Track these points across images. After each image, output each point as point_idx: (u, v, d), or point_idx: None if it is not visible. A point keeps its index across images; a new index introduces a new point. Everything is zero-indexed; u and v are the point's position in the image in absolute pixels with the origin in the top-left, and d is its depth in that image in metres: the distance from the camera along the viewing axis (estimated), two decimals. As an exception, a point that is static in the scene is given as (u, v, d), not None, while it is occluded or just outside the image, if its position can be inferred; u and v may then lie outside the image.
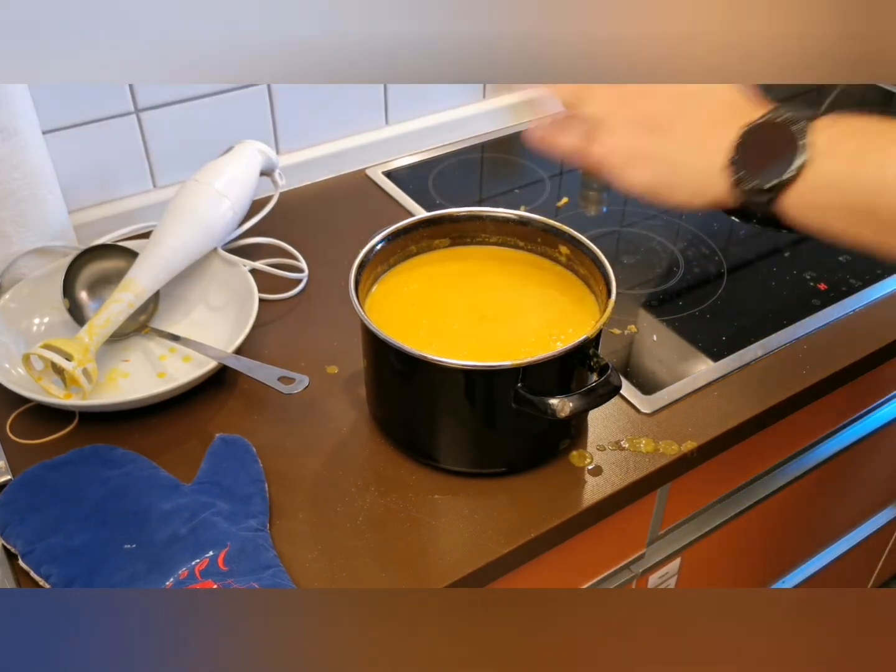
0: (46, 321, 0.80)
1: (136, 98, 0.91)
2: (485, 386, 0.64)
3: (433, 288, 0.73)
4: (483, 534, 0.64)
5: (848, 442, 1.01)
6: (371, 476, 0.69)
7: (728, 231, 0.99)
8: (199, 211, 0.82)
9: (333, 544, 0.64)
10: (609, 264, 0.68)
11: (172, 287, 0.83)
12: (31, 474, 0.66)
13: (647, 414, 0.74)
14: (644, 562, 0.86)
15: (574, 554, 0.74)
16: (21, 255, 0.81)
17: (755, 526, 0.98)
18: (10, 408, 0.73)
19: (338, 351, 0.80)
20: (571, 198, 1.04)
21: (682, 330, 0.84)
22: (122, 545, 0.61)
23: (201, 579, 0.58)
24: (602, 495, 0.68)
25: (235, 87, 0.96)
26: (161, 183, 0.98)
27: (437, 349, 0.63)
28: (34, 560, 0.61)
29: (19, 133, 0.77)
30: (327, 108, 1.04)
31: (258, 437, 0.71)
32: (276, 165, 0.92)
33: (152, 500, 0.64)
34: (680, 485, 0.78)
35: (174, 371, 0.78)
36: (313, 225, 0.98)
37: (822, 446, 0.98)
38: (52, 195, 0.82)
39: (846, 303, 0.87)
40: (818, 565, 1.19)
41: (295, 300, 0.87)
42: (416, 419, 0.69)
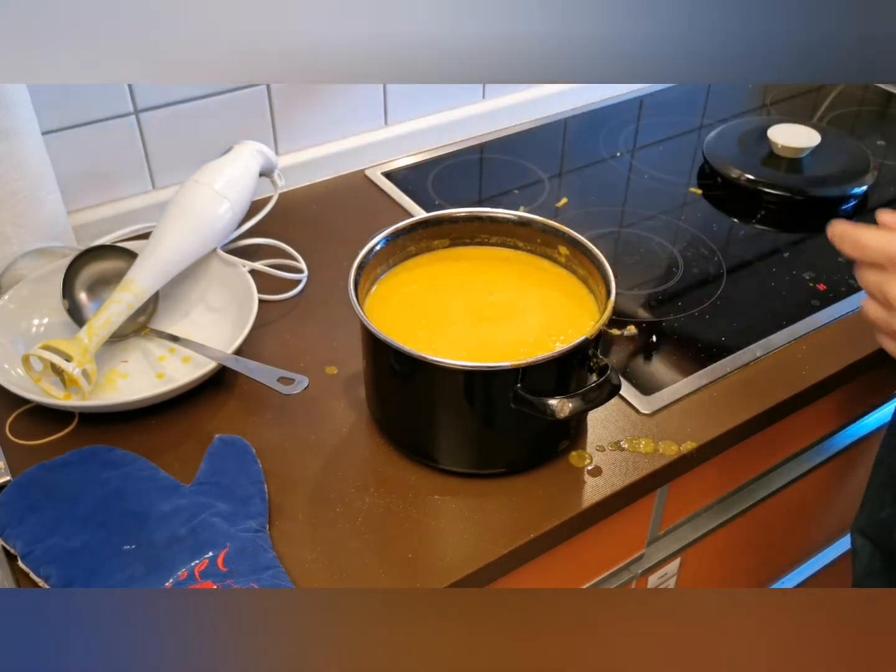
0: (46, 322, 0.80)
1: (135, 99, 0.91)
2: (484, 386, 0.64)
3: (433, 288, 0.73)
4: (482, 534, 0.64)
5: (847, 442, 1.01)
6: (370, 477, 0.69)
7: (727, 231, 0.99)
8: (198, 211, 0.82)
9: (333, 545, 0.64)
10: (608, 265, 0.68)
11: (172, 288, 0.83)
12: (31, 475, 0.66)
13: (647, 414, 0.74)
14: (644, 562, 0.86)
15: (574, 554, 0.74)
16: (20, 255, 0.81)
17: (755, 526, 0.98)
18: (9, 408, 0.73)
19: (337, 351, 0.80)
20: (571, 198, 1.04)
21: (681, 330, 0.84)
22: (121, 546, 0.61)
23: (201, 580, 0.58)
24: (602, 496, 0.68)
25: (234, 87, 0.96)
26: (160, 184, 0.98)
27: (436, 350, 0.63)
28: (34, 561, 0.61)
29: (18, 134, 0.77)
30: (326, 108, 1.04)
31: (257, 437, 0.71)
32: (275, 166, 0.92)
33: (151, 501, 0.64)
34: (679, 485, 0.78)
35: (173, 372, 0.78)
36: (313, 225, 0.98)
37: (822, 446, 0.98)
38: (51, 196, 0.82)
39: (845, 303, 0.87)
40: (818, 566, 1.19)
41: (294, 301, 0.87)
42: (415, 420, 0.69)
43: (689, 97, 1.28)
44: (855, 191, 1.03)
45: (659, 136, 1.18)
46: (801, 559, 1.18)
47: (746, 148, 1.09)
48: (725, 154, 1.08)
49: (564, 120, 1.21)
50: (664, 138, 1.17)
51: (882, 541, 0.86)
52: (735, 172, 1.05)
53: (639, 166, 1.11)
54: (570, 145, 1.17)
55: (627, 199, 1.05)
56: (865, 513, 0.89)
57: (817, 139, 1.07)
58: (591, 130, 1.19)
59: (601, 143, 1.16)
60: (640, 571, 0.86)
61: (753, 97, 1.31)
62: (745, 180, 1.04)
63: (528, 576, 0.69)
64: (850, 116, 1.26)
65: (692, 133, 1.19)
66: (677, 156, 1.14)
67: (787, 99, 1.30)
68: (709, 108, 1.26)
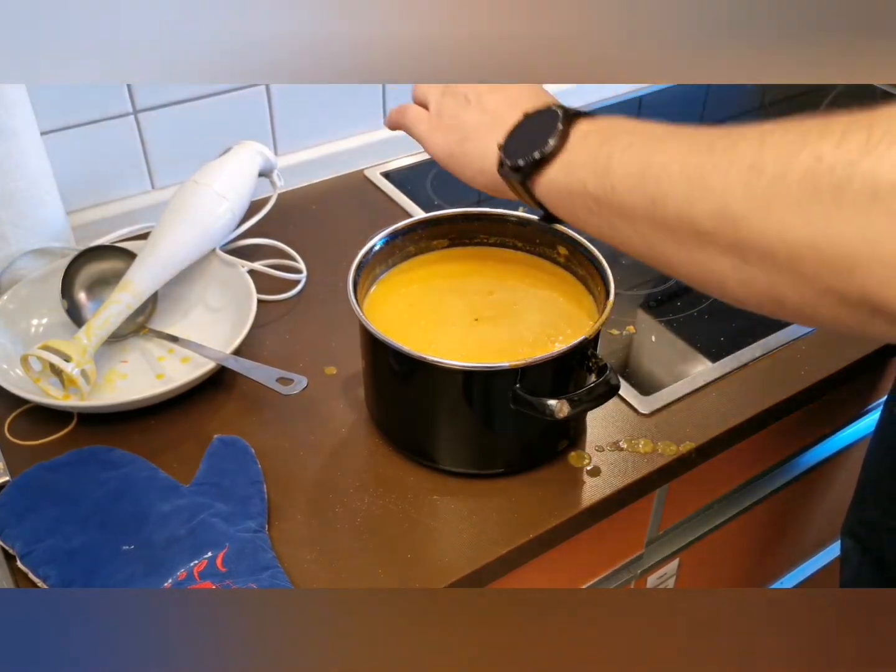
0: (45, 322, 0.80)
1: (134, 99, 0.91)
2: (483, 387, 0.64)
3: (432, 289, 0.73)
4: (482, 534, 0.64)
5: (846, 442, 1.01)
6: (370, 477, 0.69)
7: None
8: (197, 212, 0.82)
9: (332, 545, 0.64)
10: (607, 265, 0.68)
11: (171, 288, 0.83)
12: (30, 475, 0.66)
13: (646, 415, 0.74)
14: (643, 562, 0.86)
15: (573, 554, 0.74)
16: (19, 256, 0.81)
17: (754, 526, 0.98)
18: (8, 409, 0.73)
19: (336, 352, 0.80)
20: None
21: (680, 330, 0.84)
22: (120, 546, 0.61)
23: (200, 580, 0.58)
24: (601, 496, 0.68)
25: (234, 87, 0.96)
26: (159, 184, 0.98)
27: (435, 350, 0.63)
28: (33, 561, 0.60)
29: (17, 134, 0.77)
30: (326, 109, 1.04)
31: (257, 438, 0.71)
32: (274, 166, 0.92)
33: (151, 502, 0.64)
34: (678, 485, 0.78)
35: (172, 372, 0.78)
36: (312, 226, 0.98)
37: (821, 446, 0.98)
38: (50, 196, 0.82)
39: (844, 303, 0.87)
40: (817, 566, 1.19)
41: (293, 301, 0.87)
42: (414, 420, 0.69)
43: (688, 97, 1.28)
44: (854, 191, 1.02)
45: (658, 137, 1.17)
46: (800, 559, 1.18)
47: (745, 148, 1.09)
48: (724, 154, 1.08)
49: (563, 120, 1.21)
50: (663, 139, 1.17)
51: (871, 542, 0.85)
52: (734, 173, 1.04)
53: (638, 166, 1.11)
54: (569, 146, 1.17)
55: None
56: (853, 515, 0.89)
57: (816, 139, 1.07)
58: (590, 131, 1.19)
59: (600, 143, 1.16)
60: (639, 571, 0.86)
61: (752, 97, 1.31)
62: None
63: (527, 576, 0.69)
64: (848, 117, 1.25)
65: (691, 133, 1.19)
66: (676, 156, 1.13)
67: (785, 99, 1.30)
68: (707, 108, 1.26)
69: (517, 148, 0.54)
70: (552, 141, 0.51)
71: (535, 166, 0.52)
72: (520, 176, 0.53)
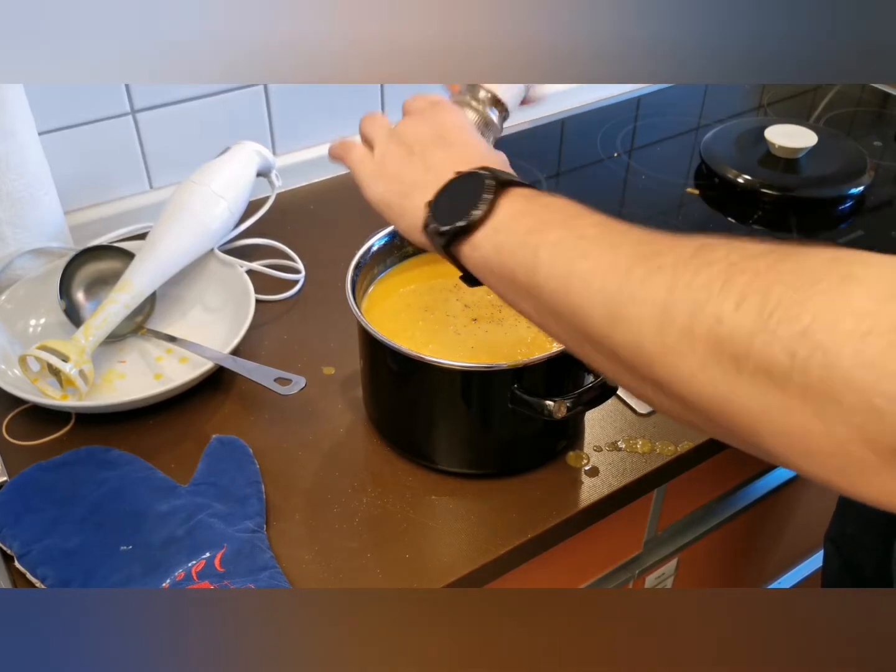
0: (43, 322, 0.80)
1: (132, 99, 0.91)
2: (481, 387, 0.64)
3: (430, 289, 0.73)
4: (480, 535, 0.64)
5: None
6: (367, 477, 0.69)
7: (725, 232, 0.99)
8: (195, 212, 0.82)
9: (330, 545, 0.64)
10: (606, 265, 0.68)
11: (169, 288, 0.83)
12: (28, 476, 0.66)
13: (644, 415, 0.74)
14: (641, 562, 0.86)
15: (571, 554, 0.74)
16: (17, 256, 0.81)
17: (752, 526, 0.98)
18: (6, 409, 0.73)
19: (334, 352, 0.80)
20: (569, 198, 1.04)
21: (678, 331, 0.84)
22: (118, 547, 0.61)
23: (198, 581, 0.58)
24: (599, 496, 0.68)
25: (232, 87, 0.96)
26: (157, 184, 0.98)
27: (433, 350, 0.63)
28: (30, 562, 0.60)
29: (15, 134, 0.77)
30: (324, 108, 1.04)
31: (255, 438, 0.71)
32: (272, 166, 0.92)
33: (148, 502, 0.64)
34: (677, 485, 0.78)
35: (171, 372, 0.78)
36: (310, 226, 0.98)
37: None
38: (48, 196, 0.82)
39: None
40: (815, 566, 1.19)
41: (292, 301, 0.87)
42: (412, 420, 0.69)
43: (687, 97, 1.28)
44: (852, 191, 1.03)
45: (656, 137, 1.18)
46: (798, 559, 1.18)
47: (743, 148, 1.09)
48: (722, 154, 1.08)
49: (562, 120, 1.21)
50: (661, 139, 1.17)
51: (849, 555, 0.85)
52: (732, 173, 1.05)
53: (636, 167, 1.11)
54: (567, 145, 1.17)
55: (625, 199, 1.05)
56: (835, 526, 0.89)
57: (814, 140, 1.07)
58: (589, 131, 1.19)
59: (598, 143, 1.16)
60: (637, 571, 0.86)
61: (750, 98, 1.31)
62: (743, 181, 1.04)
63: (525, 576, 0.69)
64: (847, 117, 1.26)
65: (689, 133, 1.19)
66: (674, 156, 1.14)
67: (784, 99, 1.30)
68: (706, 108, 1.26)
69: (443, 211, 0.51)
70: (476, 212, 0.48)
71: (458, 234, 0.49)
72: (443, 240, 0.50)
